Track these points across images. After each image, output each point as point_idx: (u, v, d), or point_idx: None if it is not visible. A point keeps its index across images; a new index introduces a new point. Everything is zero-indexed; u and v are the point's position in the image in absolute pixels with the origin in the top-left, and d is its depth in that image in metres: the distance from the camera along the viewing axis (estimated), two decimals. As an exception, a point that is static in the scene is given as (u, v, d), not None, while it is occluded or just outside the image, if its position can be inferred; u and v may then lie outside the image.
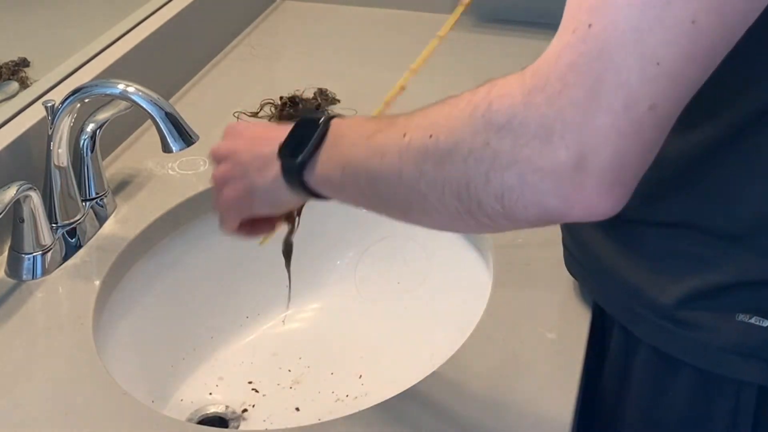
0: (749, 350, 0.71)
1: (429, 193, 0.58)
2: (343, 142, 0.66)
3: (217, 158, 0.78)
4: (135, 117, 1.02)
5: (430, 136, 0.57)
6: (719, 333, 0.72)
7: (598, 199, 0.52)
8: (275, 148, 0.71)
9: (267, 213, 0.77)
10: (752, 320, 0.71)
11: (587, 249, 0.81)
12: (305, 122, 0.70)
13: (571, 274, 0.85)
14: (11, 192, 0.85)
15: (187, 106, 1.19)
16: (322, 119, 0.68)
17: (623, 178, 0.52)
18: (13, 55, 1.07)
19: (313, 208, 1.11)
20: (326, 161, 0.67)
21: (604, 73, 0.50)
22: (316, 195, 0.69)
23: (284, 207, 0.76)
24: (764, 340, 0.71)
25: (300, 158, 0.67)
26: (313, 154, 0.67)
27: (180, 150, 0.88)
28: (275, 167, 0.70)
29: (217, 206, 0.78)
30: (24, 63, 1.08)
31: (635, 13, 0.50)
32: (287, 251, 0.86)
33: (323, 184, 0.68)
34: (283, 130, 0.72)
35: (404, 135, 0.60)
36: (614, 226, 0.69)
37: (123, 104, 0.95)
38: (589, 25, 0.51)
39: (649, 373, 0.78)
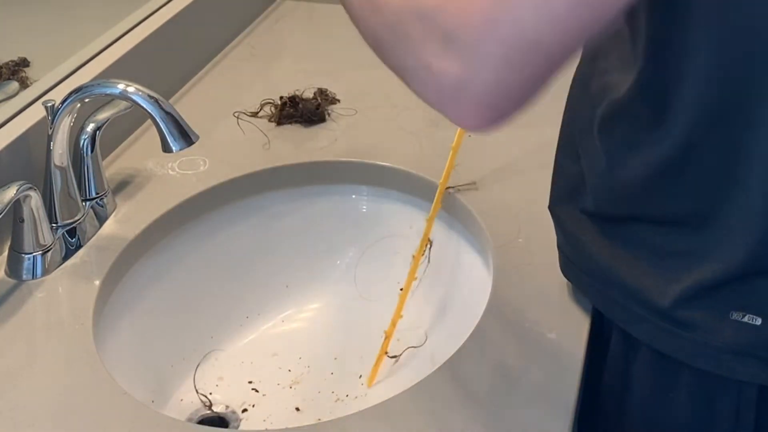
0: (745, 349, 0.71)
1: (365, 23, 0.65)
2: None
3: None
4: (135, 117, 1.02)
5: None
6: (715, 332, 0.72)
7: (468, 116, 0.55)
8: None
9: None
10: (745, 318, 0.71)
11: (582, 250, 0.81)
12: None
13: (566, 277, 0.85)
14: (11, 192, 0.85)
15: (187, 106, 1.20)
16: None
17: (499, 105, 0.55)
18: (13, 55, 1.08)
19: (311, 208, 1.11)
20: None
21: (503, 6, 0.52)
22: None
23: None
24: (758, 338, 0.71)
25: None
26: None
27: (180, 150, 0.88)
28: None
29: None
30: (24, 63, 1.08)
31: None
32: None
33: None
34: None
35: None
36: (607, 224, 0.69)
37: (123, 104, 0.95)
38: None
39: (649, 374, 0.78)
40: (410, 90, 0.59)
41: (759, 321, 0.70)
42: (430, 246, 0.98)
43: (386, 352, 0.97)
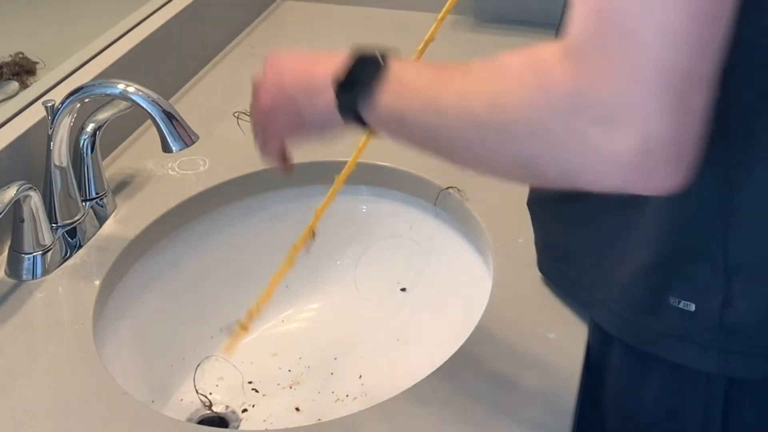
0: (683, 334, 0.73)
1: (491, 157, 0.60)
2: (401, 90, 0.66)
3: (260, 87, 0.78)
4: (135, 117, 1.02)
5: (490, 106, 0.58)
6: (656, 317, 0.73)
7: (665, 180, 0.53)
8: (326, 77, 0.70)
9: (314, 139, 0.77)
10: (681, 305, 0.72)
11: (550, 240, 0.82)
12: (362, 57, 0.69)
13: (542, 272, 0.87)
14: (11, 192, 0.85)
15: (187, 106, 1.20)
16: (381, 58, 0.67)
17: (684, 152, 0.52)
18: (12, 53, 1.08)
19: (311, 208, 1.11)
20: (384, 106, 0.66)
21: (635, 54, 0.51)
22: (371, 131, 0.70)
23: (333, 136, 0.75)
24: (693, 324, 0.72)
25: (357, 97, 0.67)
26: (372, 94, 0.66)
27: (180, 150, 0.88)
28: (327, 97, 0.70)
29: (262, 135, 0.79)
30: (29, 64, 1.08)
31: None
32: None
33: (379, 125, 0.68)
34: (330, 59, 0.72)
35: (462, 98, 0.60)
36: (564, 205, 0.69)
37: (123, 104, 0.95)
38: (600, 9, 0.52)
39: (622, 367, 0.80)
40: (559, 183, 0.57)
41: (693, 307, 0.72)
42: (313, 238, 0.95)
43: (246, 328, 0.93)
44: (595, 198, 0.73)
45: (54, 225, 0.93)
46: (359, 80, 0.68)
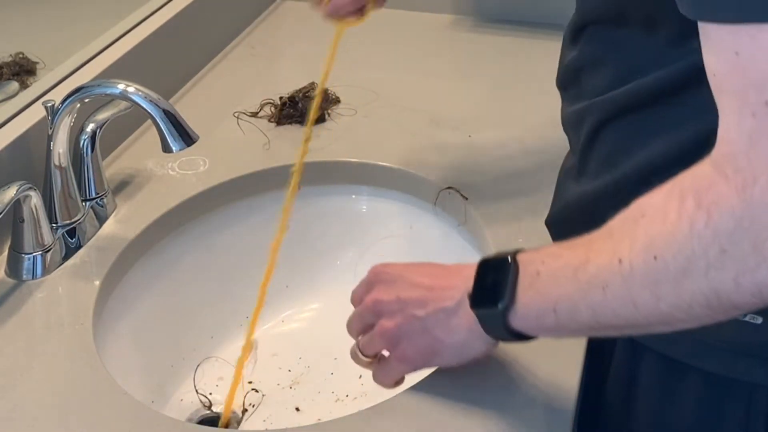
0: (744, 349, 0.71)
1: (673, 311, 0.57)
2: (544, 280, 0.64)
3: (376, 310, 0.75)
4: (135, 117, 1.02)
5: (655, 258, 0.56)
6: (718, 333, 0.71)
7: None
8: (455, 297, 0.69)
9: (455, 363, 0.74)
10: (746, 318, 0.70)
11: None
12: (489, 264, 0.68)
13: None
14: (11, 192, 0.85)
15: (187, 106, 1.20)
16: (509, 257, 0.66)
17: None
18: (13, 53, 1.08)
19: (311, 208, 1.11)
20: (530, 303, 0.65)
21: None
22: (522, 337, 0.68)
23: (475, 356, 0.73)
24: (758, 337, 0.70)
25: (501, 305, 0.65)
26: (513, 299, 0.65)
27: (180, 150, 0.88)
28: (464, 319, 0.68)
29: (393, 362, 0.75)
30: (29, 64, 1.08)
31: None
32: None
33: (533, 326, 0.66)
34: (449, 273, 0.71)
35: (620, 261, 0.58)
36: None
37: (123, 104, 0.95)
38: (766, 102, 0.51)
39: (655, 378, 0.78)
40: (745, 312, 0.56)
41: (760, 320, 0.70)
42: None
43: (250, 346, 0.94)
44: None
45: (54, 225, 0.93)
46: (493, 287, 0.66)
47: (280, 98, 1.19)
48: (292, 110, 1.17)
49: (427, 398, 0.76)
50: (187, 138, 0.88)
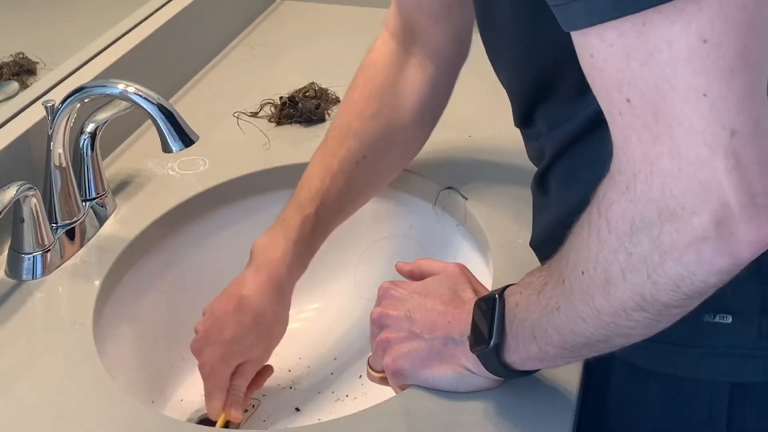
0: (721, 350, 0.72)
1: (615, 320, 0.59)
2: (521, 311, 0.66)
3: (382, 323, 0.77)
4: (135, 117, 1.02)
5: (582, 273, 0.58)
6: (691, 338, 0.72)
7: (757, 234, 0.52)
8: (463, 331, 0.71)
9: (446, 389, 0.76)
10: (716, 318, 0.71)
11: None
12: (481, 304, 0.70)
13: None
14: (11, 192, 0.85)
15: (187, 106, 1.19)
16: (496, 294, 0.68)
17: (761, 203, 0.51)
18: (13, 53, 1.08)
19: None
20: (516, 334, 0.67)
21: (671, 132, 0.51)
22: (519, 373, 0.70)
23: (472, 390, 0.75)
24: (730, 336, 0.71)
25: (492, 343, 0.67)
26: (502, 333, 0.67)
27: (180, 150, 0.88)
28: (468, 355, 0.71)
29: (388, 374, 0.76)
30: (29, 64, 1.08)
31: (652, 69, 0.50)
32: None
33: (524, 357, 0.68)
34: (462, 303, 0.73)
35: (563, 281, 0.61)
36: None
37: (123, 104, 0.95)
38: (628, 101, 0.52)
39: (623, 384, 0.79)
40: (690, 307, 0.57)
41: (729, 318, 0.70)
42: None
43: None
44: None
45: (54, 225, 0.93)
46: (486, 328, 0.68)
47: (280, 98, 1.19)
48: (292, 110, 1.17)
49: (427, 398, 0.76)
50: (187, 138, 0.88)
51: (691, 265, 0.53)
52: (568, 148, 0.76)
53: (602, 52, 0.52)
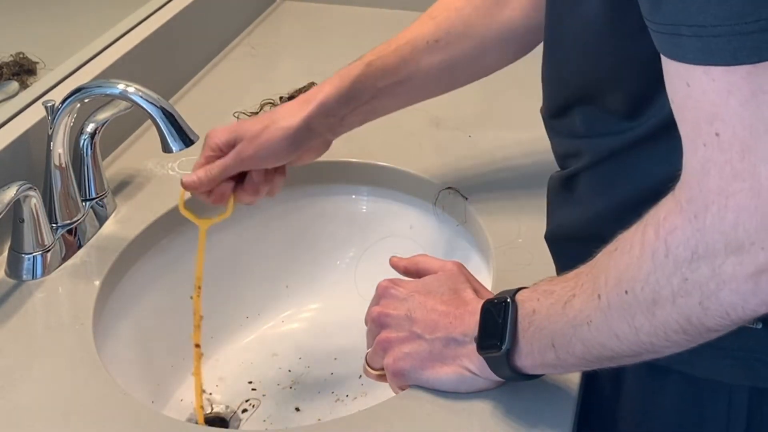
0: (743, 353, 0.71)
1: (652, 340, 0.60)
2: (540, 318, 0.67)
3: (381, 322, 0.77)
4: (135, 117, 1.02)
5: (626, 292, 0.59)
6: (714, 339, 0.71)
7: None
8: (467, 333, 0.71)
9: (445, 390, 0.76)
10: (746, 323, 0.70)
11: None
12: (491, 307, 0.70)
13: None
14: (11, 192, 0.85)
15: (187, 106, 1.19)
16: (508, 298, 0.69)
17: None
18: (13, 53, 1.08)
19: (311, 208, 1.11)
20: (531, 341, 0.67)
21: (754, 170, 0.52)
22: (528, 377, 0.70)
23: (472, 390, 0.75)
24: (757, 342, 0.70)
25: (504, 348, 0.68)
26: (515, 340, 0.68)
27: (180, 150, 0.88)
28: (472, 356, 0.71)
29: (388, 374, 0.76)
30: (29, 64, 1.08)
31: (751, 109, 0.52)
32: None
33: (538, 363, 0.68)
34: (463, 303, 0.73)
35: (599, 297, 0.61)
36: (593, 246, 0.69)
37: (123, 104, 0.95)
38: (716, 134, 0.53)
39: (639, 380, 0.78)
40: (725, 331, 0.58)
41: (760, 325, 0.70)
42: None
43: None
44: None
45: (54, 225, 0.93)
46: (495, 330, 0.68)
47: (280, 98, 1.19)
48: (292, 110, 1.16)
49: (427, 398, 0.76)
50: (186, 138, 0.88)
51: (747, 295, 0.55)
52: (610, 158, 0.75)
53: (702, 84, 0.53)
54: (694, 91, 0.54)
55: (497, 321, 0.68)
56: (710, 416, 0.75)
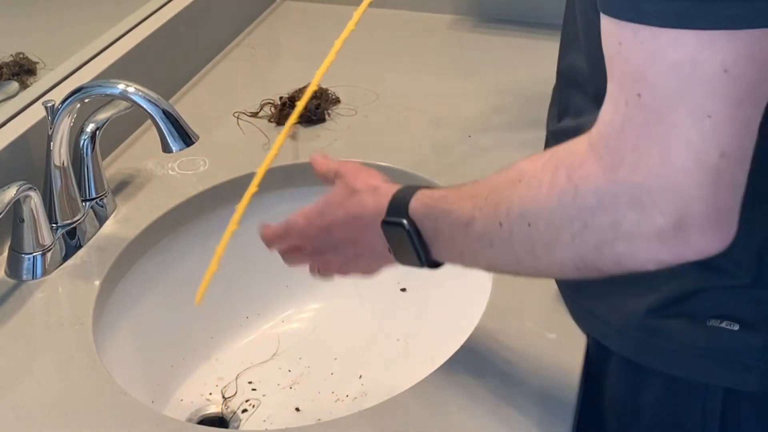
0: (720, 354, 0.72)
1: (549, 268, 0.63)
2: (444, 236, 0.70)
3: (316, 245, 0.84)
4: (135, 117, 1.02)
5: (528, 225, 0.61)
6: (691, 339, 0.72)
7: (706, 245, 0.55)
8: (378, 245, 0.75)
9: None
10: (723, 324, 0.71)
11: (572, 281, 0.81)
12: (390, 228, 0.73)
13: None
14: (11, 192, 0.85)
15: (187, 106, 1.20)
16: (405, 222, 0.71)
17: (721, 220, 0.55)
18: (13, 53, 1.08)
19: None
20: (441, 253, 0.71)
21: (666, 137, 0.53)
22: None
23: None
24: (735, 343, 0.71)
25: (423, 261, 0.72)
26: (428, 252, 0.71)
27: (180, 150, 0.88)
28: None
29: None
30: (29, 64, 1.08)
31: (672, 80, 0.53)
32: None
33: (450, 263, 0.73)
34: (366, 226, 0.76)
35: (500, 224, 0.63)
36: None
37: (123, 104, 0.95)
38: (639, 95, 0.54)
39: (620, 380, 0.79)
40: (612, 270, 0.59)
41: (737, 327, 0.71)
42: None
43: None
44: None
45: (54, 225, 0.93)
46: (412, 252, 0.72)
47: (280, 98, 1.19)
48: (292, 110, 1.16)
49: (427, 398, 0.76)
50: (187, 138, 0.88)
51: (639, 252, 0.56)
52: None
53: (631, 45, 0.54)
54: (624, 49, 0.55)
55: (404, 241, 0.72)
56: (686, 416, 0.76)
